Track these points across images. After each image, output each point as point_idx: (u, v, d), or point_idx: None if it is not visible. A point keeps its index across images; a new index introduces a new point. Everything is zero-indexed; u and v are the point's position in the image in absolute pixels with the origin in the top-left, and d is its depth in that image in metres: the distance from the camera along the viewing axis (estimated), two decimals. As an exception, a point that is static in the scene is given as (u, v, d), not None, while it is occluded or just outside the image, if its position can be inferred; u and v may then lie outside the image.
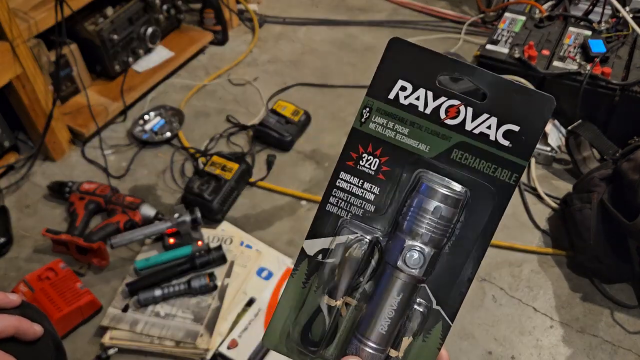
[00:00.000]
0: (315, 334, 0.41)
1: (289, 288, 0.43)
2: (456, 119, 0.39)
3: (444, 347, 0.42)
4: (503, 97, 0.39)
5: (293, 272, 0.42)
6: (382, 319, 0.39)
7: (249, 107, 1.76)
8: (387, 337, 0.40)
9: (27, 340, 0.59)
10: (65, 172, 1.57)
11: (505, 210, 0.40)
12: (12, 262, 1.35)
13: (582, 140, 1.45)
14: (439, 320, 0.41)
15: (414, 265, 0.39)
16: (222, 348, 1.15)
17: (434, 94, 0.40)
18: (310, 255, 0.42)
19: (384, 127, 0.40)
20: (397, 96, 0.40)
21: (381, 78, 0.40)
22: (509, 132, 0.39)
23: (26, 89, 1.44)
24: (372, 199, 0.41)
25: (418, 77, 0.40)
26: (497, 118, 0.39)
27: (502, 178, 0.39)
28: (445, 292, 0.41)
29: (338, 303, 0.41)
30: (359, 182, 0.41)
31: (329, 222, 0.42)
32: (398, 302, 0.39)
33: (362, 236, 0.41)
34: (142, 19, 1.75)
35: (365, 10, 2.18)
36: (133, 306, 1.22)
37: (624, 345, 1.18)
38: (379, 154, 0.41)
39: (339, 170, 0.41)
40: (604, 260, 1.21)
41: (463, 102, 0.39)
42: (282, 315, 0.43)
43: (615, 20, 1.59)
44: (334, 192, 0.41)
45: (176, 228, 1.32)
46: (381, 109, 0.40)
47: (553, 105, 0.38)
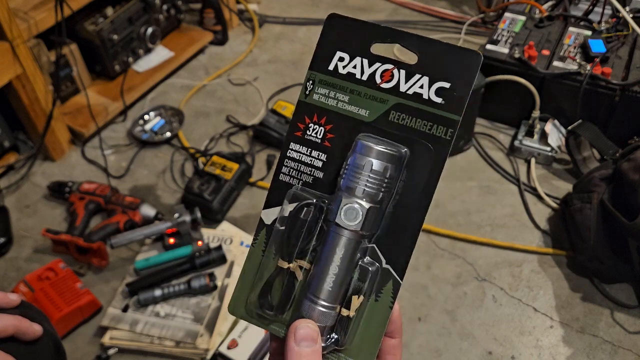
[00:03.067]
0: (274, 298, 0.43)
1: (250, 257, 0.44)
2: (391, 82, 0.41)
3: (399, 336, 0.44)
4: (432, 57, 0.41)
5: (253, 242, 0.44)
6: (328, 275, 0.41)
7: (249, 107, 1.76)
8: (334, 294, 0.41)
9: (26, 340, 0.59)
10: (65, 172, 1.57)
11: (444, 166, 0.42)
12: (12, 262, 1.35)
13: (582, 140, 1.45)
14: (389, 278, 0.42)
15: (351, 220, 0.40)
16: (222, 348, 1.15)
17: (369, 61, 0.42)
18: (268, 224, 0.43)
19: (326, 97, 0.43)
20: (336, 67, 0.42)
21: (321, 52, 0.43)
22: (441, 89, 0.41)
23: (26, 89, 1.44)
24: (320, 166, 0.43)
25: (353, 47, 0.42)
26: (429, 77, 0.41)
27: (438, 134, 0.41)
28: (393, 250, 0.42)
29: (291, 266, 0.42)
30: (307, 151, 0.43)
31: (282, 191, 0.43)
32: (341, 258, 0.40)
33: (309, 201, 0.42)
34: (142, 19, 1.75)
35: (365, 10, 2.18)
36: (133, 306, 1.22)
37: (624, 345, 1.18)
38: (323, 123, 0.43)
39: (288, 141, 0.43)
40: (604, 260, 1.21)
41: (395, 65, 0.41)
42: (244, 283, 0.44)
43: (615, 20, 1.59)
44: (285, 162, 0.43)
45: (176, 228, 1.32)
46: (323, 80, 0.43)
47: (480, 59, 0.40)
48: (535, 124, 1.55)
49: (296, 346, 0.38)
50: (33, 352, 0.59)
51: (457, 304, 1.25)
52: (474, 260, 1.34)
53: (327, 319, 0.41)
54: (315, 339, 0.39)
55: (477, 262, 1.33)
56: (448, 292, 1.28)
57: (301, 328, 0.39)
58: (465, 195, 1.48)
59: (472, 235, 1.38)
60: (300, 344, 0.38)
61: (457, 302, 1.26)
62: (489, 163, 1.56)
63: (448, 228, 1.39)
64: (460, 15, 2.09)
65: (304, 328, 0.39)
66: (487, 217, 1.43)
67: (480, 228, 1.40)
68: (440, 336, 1.20)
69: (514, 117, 1.63)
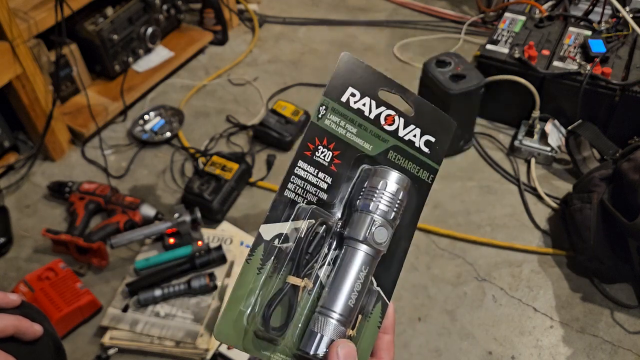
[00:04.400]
0: (275, 319, 0.41)
1: (243, 275, 0.42)
2: (392, 126, 0.47)
3: (392, 333, 0.46)
4: (424, 114, 0.48)
5: (248, 258, 0.42)
6: (352, 292, 0.42)
7: (249, 107, 1.76)
8: (353, 311, 0.42)
9: (26, 340, 0.59)
10: (65, 172, 1.57)
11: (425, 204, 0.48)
12: (12, 262, 1.35)
13: (582, 140, 1.45)
14: (379, 300, 0.45)
15: (381, 239, 0.43)
16: (222, 348, 1.15)
17: (376, 103, 0.47)
18: (267, 240, 0.43)
19: (337, 125, 0.46)
20: (348, 100, 0.46)
21: (336, 83, 0.46)
22: (428, 141, 0.48)
23: (26, 89, 1.44)
24: (325, 188, 0.45)
25: (364, 87, 0.47)
26: (420, 129, 0.48)
27: (423, 178, 0.48)
28: (383, 274, 0.45)
29: (303, 283, 0.42)
30: (314, 172, 0.45)
31: (286, 208, 0.44)
32: (365, 276, 0.42)
33: (326, 219, 0.44)
34: (142, 19, 1.75)
35: (365, 10, 2.18)
36: (133, 306, 1.22)
37: (624, 345, 1.18)
38: (332, 148, 0.45)
39: (297, 158, 0.45)
40: (604, 260, 1.21)
41: (397, 113, 0.47)
42: (235, 305, 0.41)
43: (615, 20, 1.59)
44: (292, 179, 0.44)
45: (176, 228, 1.32)
46: (335, 109, 0.46)
47: (453, 126, 0.49)
48: (535, 124, 1.55)
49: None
50: (33, 352, 0.59)
51: (457, 304, 1.25)
52: (474, 260, 1.34)
53: (342, 334, 0.41)
54: (355, 357, 0.40)
55: (477, 262, 1.33)
56: (448, 292, 1.28)
57: (343, 347, 0.39)
58: (465, 195, 1.48)
59: (472, 235, 1.38)
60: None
61: (457, 302, 1.26)
62: (489, 163, 1.56)
63: (448, 228, 1.39)
64: (460, 15, 2.08)
65: (345, 347, 0.39)
66: (487, 217, 1.43)
67: (480, 228, 1.40)
68: (440, 336, 1.20)
69: (514, 117, 1.63)
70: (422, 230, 1.40)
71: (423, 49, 1.95)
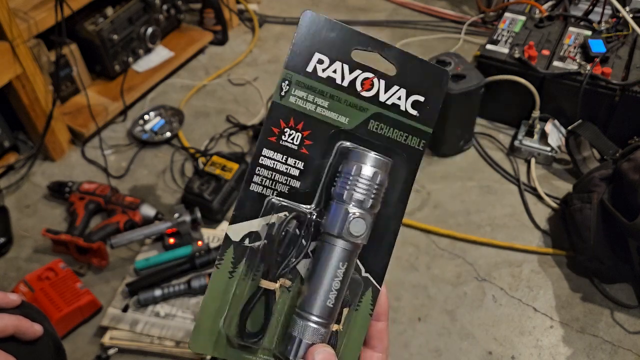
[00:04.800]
0: (254, 324, 0.40)
1: (214, 281, 0.40)
2: (371, 91, 0.41)
3: (385, 320, 0.43)
4: (409, 70, 0.41)
5: (217, 264, 0.40)
6: (330, 292, 0.39)
7: (249, 107, 1.76)
8: (333, 311, 0.39)
9: (26, 340, 0.59)
10: (65, 172, 1.57)
11: (416, 176, 0.43)
12: (12, 262, 1.35)
13: (582, 140, 1.45)
14: (369, 286, 0.41)
15: (358, 232, 0.38)
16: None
17: (350, 66, 0.41)
18: (236, 241, 0.40)
19: (304, 101, 0.40)
20: (315, 69, 0.40)
21: (298, 51, 0.40)
22: (416, 102, 0.42)
23: (26, 89, 1.44)
24: (296, 175, 0.40)
25: (334, 50, 0.41)
26: (406, 89, 0.41)
27: (413, 145, 0.42)
28: (372, 258, 0.41)
29: (277, 285, 0.39)
30: (282, 158, 0.40)
31: (254, 204, 0.40)
32: (343, 273, 0.39)
33: (293, 213, 0.40)
34: (142, 19, 1.75)
35: (365, 10, 2.18)
36: (133, 306, 1.22)
37: (624, 345, 1.18)
38: (300, 128, 0.40)
39: (261, 147, 0.40)
40: (604, 260, 1.21)
41: (376, 74, 0.41)
42: (209, 313, 0.40)
43: (615, 20, 1.59)
44: (257, 171, 0.40)
45: (176, 228, 1.32)
46: (300, 81, 0.40)
47: (447, 77, 0.42)
48: (535, 124, 1.55)
49: None
50: (33, 352, 0.59)
51: (457, 304, 1.25)
52: (474, 260, 1.34)
53: (322, 337, 0.39)
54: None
55: (477, 262, 1.33)
56: (448, 292, 1.28)
57: (320, 353, 0.38)
58: (465, 195, 1.48)
59: (472, 235, 1.38)
60: None
61: (457, 302, 1.26)
62: (489, 163, 1.56)
63: (448, 228, 1.39)
64: (460, 15, 2.08)
65: (322, 353, 0.38)
66: (487, 217, 1.43)
67: (480, 228, 1.40)
68: (440, 336, 1.20)
69: (514, 117, 1.63)
70: (422, 230, 1.40)
71: (423, 49, 1.95)
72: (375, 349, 0.43)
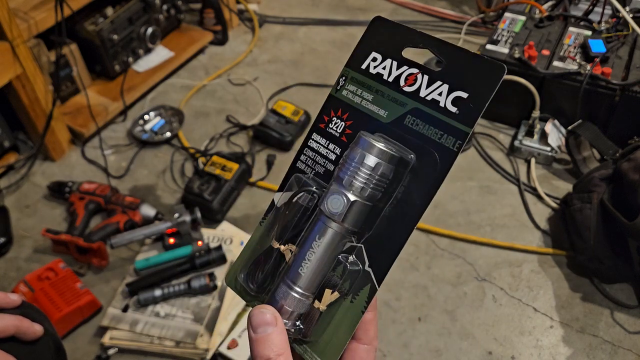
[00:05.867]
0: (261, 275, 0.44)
1: (254, 235, 0.45)
2: (413, 86, 0.41)
3: (373, 310, 0.42)
4: (457, 66, 0.40)
5: (261, 221, 0.45)
6: (303, 261, 0.41)
7: (249, 107, 1.76)
8: (306, 281, 0.41)
9: (27, 340, 0.59)
10: (65, 172, 1.57)
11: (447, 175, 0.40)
12: (12, 262, 1.35)
13: (582, 140, 1.45)
14: (367, 282, 0.41)
15: (334, 208, 0.40)
16: (222, 348, 1.15)
17: (398, 63, 0.42)
18: (277, 206, 0.45)
19: (353, 94, 0.44)
20: (368, 66, 0.44)
21: (359, 51, 0.44)
22: (458, 98, 0.40)
23: (26, 89, 1.44)
24: (333, 159, 0.44)
25: (388, 49, 0.43)
26: (449, 85, 0.40)
27: (447, 145, 0.39)
28: (378, 254, 0.41)
29: (282, 247, 0.43)
30: (325, 143, 0.44)
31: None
32: (319, 247, 0.41)
33: (309, 188, 0.43)
34: (142, 19, 1.75)
35: (365, 10, 2.18)
36: (133, 306, 1.22)
37: (624, 345, 1.18)
38: (345, 118, 0.44)
39: (312, 131, 0.45)
40: (604, 260, 1.21)
41: (421, 70, 0.41)
42: (243, 258, 0.45)
43: (615, 20, 1.59)
44: (305, 151, 0.45)
45: (176, 228, 1.32)
46: (354, 77, 0.44)
47: (503, 71, 0.38)
48: (535, 124, 1.55)
49: (254, 334, 0.38)
50: (33, 352, 0.59)
51: (457, 304, 1.25)
52: (474, 260, 1.34)
53: (298, 305, 0.41)
54: (269, 322, 0.38)
55: (477, 262, 1.33)
56: (448, 292, 1.28)
57: (253, 315, 0.39)
58: (465, 195, 1.48)
59: (472, 235, 1.38)
60: (257, 330, 0.38)
61: (457, 302, 1.26)
62: (489, 163, 1.56)
63: (448, 228, 1.39)
64: (460, 15, 2.09)
65: (256, 315, 0.39)
66: (487, 217, 1.43)
67: (480, 228, 1.40)
68: (440, 336, 1.20)
69: (514, 117, 1.63)
70: (422, 230, 1.40)
71: (423, 49, 1.95)
72: (360, 341, 0.42)
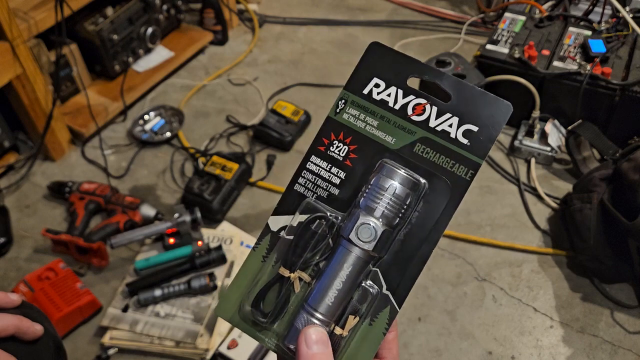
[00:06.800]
0: (267, 305, 0.43)
1: (248, 261, 0.44)
2: (422, 116, 0.43)
3: (394, 330, 0.43)
4: (466, 100, 0.42)
5: (255, 247, 0.44)
6: (331, 290, 0.41)
7: (249, 107, 1.76)
8: (333, 310, 0.41)
9: (27, 339, 0.59)
10: (65, 172, 1.57)
11: (461, 204, 0.43)
12: (12, 262, 1.35)
13: (582, 140, 1.45)
14: (387, 305, 0.42)
15: (365, 239, 0.40)
16: (222, 348, 1.15)
17: (404, 92, 0.43)
18: (274, 231, 0.44)
19: (356, 118, 0.44)
20: (370, 92, 0.44)
21: (359, 75, 0.44)
22: (469, 131, 0.42)
23: (26, 89, 1.44)
24: (337, 183, 0.44)
25: (391, 76, 0.44)
26: (459, 118, 0.42)
27: (459, 174, 0.42)
28: (396, 278, 0.42)
29: (292, 275, 0.42)
30: (327, 166, 0.44)
31: (294, 201, 0.44)
32: (347, 275, 0.41)
33: (323, 214, 0.43)
34: (142, 19, 1.75)
35: (365, 10, 2.18)
36: (133, 306, 1.22)
37: (624, 345, 1.18)
38: (348, 142, 0.44)
39: (310, 153, 0.44)
40: (604, 260, 1.21)
41: (429, 101, 0.43)
42: (238, 287, 0.44)
43: (615, 20, 1.59)
44: (303, 174, 0.44)
45: (176, 228, 1.32)
46: (355, 101, 0.44)
47: (509, 110, 0.42)
48: (535, 124, 1.55)
49: (309, 350, 0.38)
50: (33, 352, 0.59)
51: (457, 304, 1.25)
52: (474, 260, 1.34)
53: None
54: (326, 342, 0.39)
55: (477, 262, 1.33)
56: (448, 292, 1.28)
57: (313, 333, 0.39)
58: (466, 195, 1.48)
59: (472, 235, 1.38)
60: (312, 347, 0.38)
61: (457, 302, 1.26)
62: (489, 163, 1.56)
63: (448, 228, 1.38)
64: (460, 15, 2.09)
65: (315, 332, 0.39)
66: (487, 217, 1.43)
67: (480, 228, 1.40)
68: (440, 336, 1.20)
69: (514, 117, 1.62)
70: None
71: (423, 49, 1.95)
72: (384, 359, 0.43)
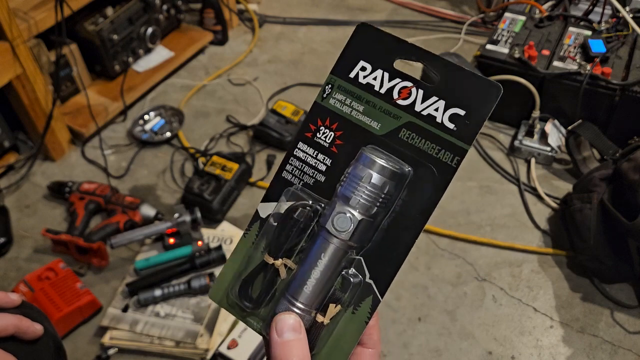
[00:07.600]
0: (254, 291, 0.43)
1: (238, 247, 0.44)
2: (407, 100, 0.41)
3: (375, 316, 0.42)
4: (453, 82, 0.40)
5: (245, 233, 0.44)
6: (309, 279, 0.41)
7: (249, 107, 1.76)
8: (312, 298, 0.41)
9: (27, 339, 0.59)
10: (65, 172, 1.57)
11: (446, 191, 0.41)
12: (12, 262, 1.35)
13: (582, 140, 1.45)
14: (369, 294, 0.41)
15: (341, 228, 0.40)
16: (222, 348, 1.15)
17: (390, 75, 0.42)
18: (262, 217, 0.44)
19: (342, 104, 0.43)
20: (357, 75, 0.42)
21: (345, 58, 0.43)
22: (455, 115, 0.40)
23: (26, 89, 1.44)
24: (323, 170, 0.43)
25: (378, 59, 0.42)
26: (445, 101, 0.40)
27: (445, 160, 0.40)
28: (379, 266, 0.41)
29: (276, 262, 0.42)
30: (313, 153, 0.43)
31: (283, 188, 0.44)
32: (325, 264, 0.41)
33: (305, 202, 0.43)
34: (142, 19, 1.75)
35: (365, 10, 2.18)
36: (133, 306, 1.22)
37: (624, 345, 1.18)
38: (334, 128, 0.43)
39: (297, 140, 0.44)
40: (604, 260, 1.21)
41: (415, 84, 0.41)
42: (229, 272, 0.44)
43: (615, 20, 1.59)
44: (290, 161, 0.44)
45: (176, 228, 1.32)
46: (342, 86, 0.43)
47: (499, 92, 0.40)
48: (535, 124, 1.55)
49: (279, 337, 0.38)
50: (33, 352, 0.59)
51: (457, 304, 1.25)
52: (474, 260, 1.34)
53: (301, 319, 0.41)
54: (298, 329, 0.39)
55: (477, 262, 1.33)
56: (448, 292, 1.28)
57: (281, 319, 0.39)
58: (466, 195, 1.48)
59: (472, 235, 1.38)
60: (282, 335, 0.38)
61: (457, 302, 1.26)
62: (489, 163, 1.56)
63: (448, 228, 1.39)
64: (460, 15, 2.09)
65: (284, 319, 0.39)
66: (487, 217, 1.43)
67: (480, 228, 1.40)
68: (440, 336, 1.20)
69: (514, 117, 1.63)
70: (422, 230, 1.39)
71: (423, 49, 1.95)
72: (365, 346, 0.43)
